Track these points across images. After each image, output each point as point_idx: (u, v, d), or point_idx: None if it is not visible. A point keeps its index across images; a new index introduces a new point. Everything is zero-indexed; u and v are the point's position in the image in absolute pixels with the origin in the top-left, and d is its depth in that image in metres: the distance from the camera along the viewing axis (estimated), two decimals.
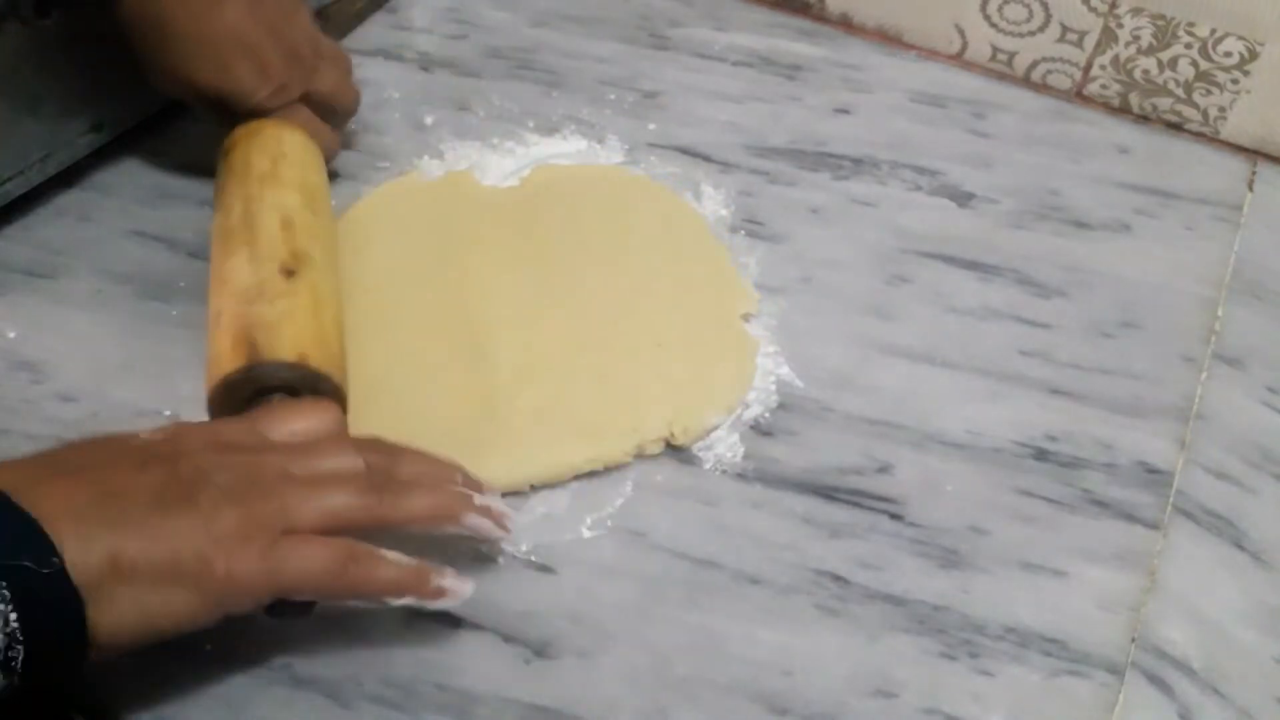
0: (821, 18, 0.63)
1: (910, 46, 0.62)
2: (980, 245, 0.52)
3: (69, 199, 0.51)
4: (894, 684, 0.38)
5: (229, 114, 0.46)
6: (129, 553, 0.29)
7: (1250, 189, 0.56)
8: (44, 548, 0.28)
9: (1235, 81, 0.56)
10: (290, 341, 0.39)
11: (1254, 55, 0.55)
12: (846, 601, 0.40)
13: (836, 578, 0.40)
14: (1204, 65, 0.57)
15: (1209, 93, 0.57)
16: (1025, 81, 0.61)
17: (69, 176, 0.51)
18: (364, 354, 0.44)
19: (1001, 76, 0.61)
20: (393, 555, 0.34)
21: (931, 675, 0.38)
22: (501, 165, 0.54)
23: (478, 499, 0.36)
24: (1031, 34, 0.60)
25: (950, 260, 0.51)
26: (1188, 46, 0.56)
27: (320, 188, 0.46)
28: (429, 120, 0.56)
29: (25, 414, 0.43)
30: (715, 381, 0.45)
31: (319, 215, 0.45)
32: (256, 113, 0.46)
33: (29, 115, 0.47)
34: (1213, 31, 0.55)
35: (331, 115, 0.50)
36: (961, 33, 0.61)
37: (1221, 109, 0.58)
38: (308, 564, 0.33)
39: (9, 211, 0.49)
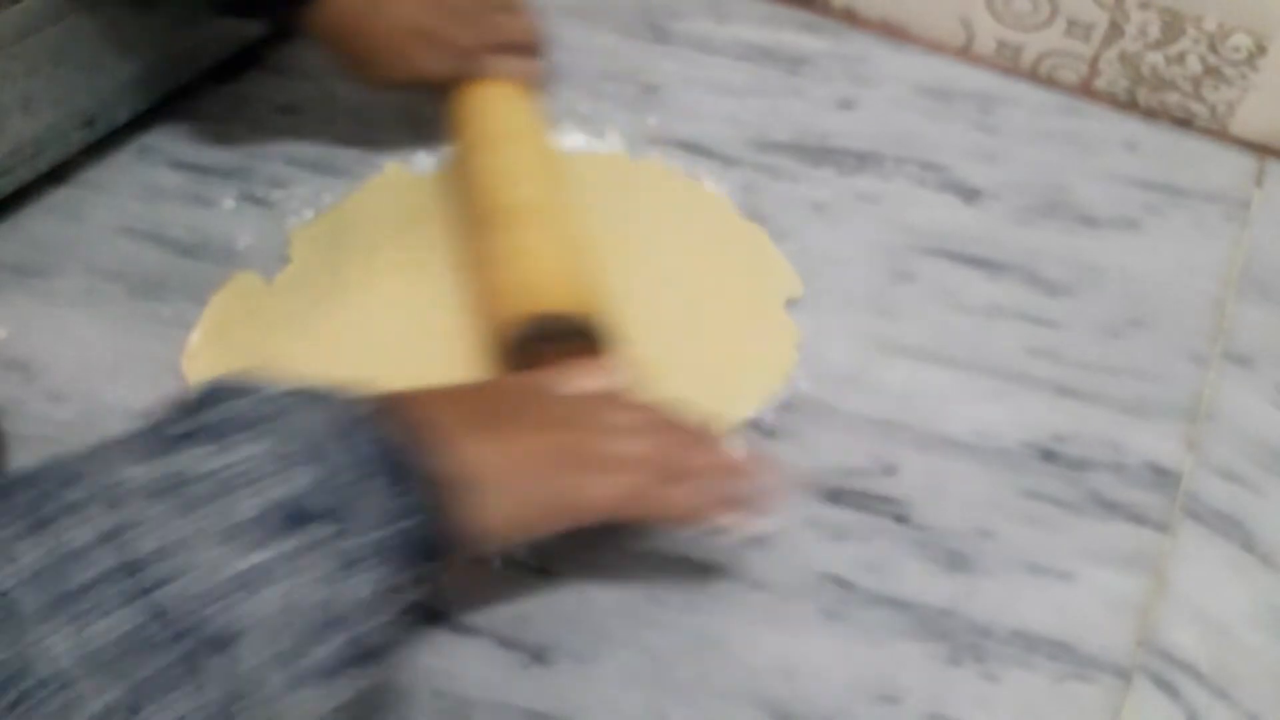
0: (825, 10, 0.63)
1: (915, 40, 0.62)
2: (987, 242, 0.51)
3: (60, 196, 0.50)
4: (898, 689, 0.37)
5: (433, 90, 0.50)
6: (485, 457, 0.33)
7: (1259, 185, 0.55)
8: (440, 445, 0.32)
9: (1244, 77, 0.56)
10: (572, 292, 0.42)
11: (1262, 50, 0.54)
12: (850, 605, 0.39)
13: (840, 581, 0.40)
14: (1212, 60, 0.56)
15: (1217, 88, 0.57)
16: (1032, 76, 0.60)
17: (60, 174, 0.50)
18: (361, 353, 0.43)
19: (1007, 71, 0.60)
20: (691, 484, 0.36)
21: (936, 680, 0.38)
22: None
23: (742, 489, 0.37)
24: (1038, 28, 0.59)
25: (956, 257, 0.51)
26: (1195, 41, 0.56)
27: (531, 138, 0.49)
28: (426, 114, 0.55)
29: (15, 414, 0.42)
30: (751, 369, 0.45)
31: (547, 166, 0.48)
32: (454, 84, 0.50)
33: (20, 112, 0.47)
34: (1220, 26, 0.54)
35: (525, 52, 0.52)
36: (967, 26, 0.61)
37: (1230, 104, 0.57)
38: (622, 486, 0.35)
39: None
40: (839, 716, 0.37)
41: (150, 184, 0.51)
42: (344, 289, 0.46)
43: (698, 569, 0.40)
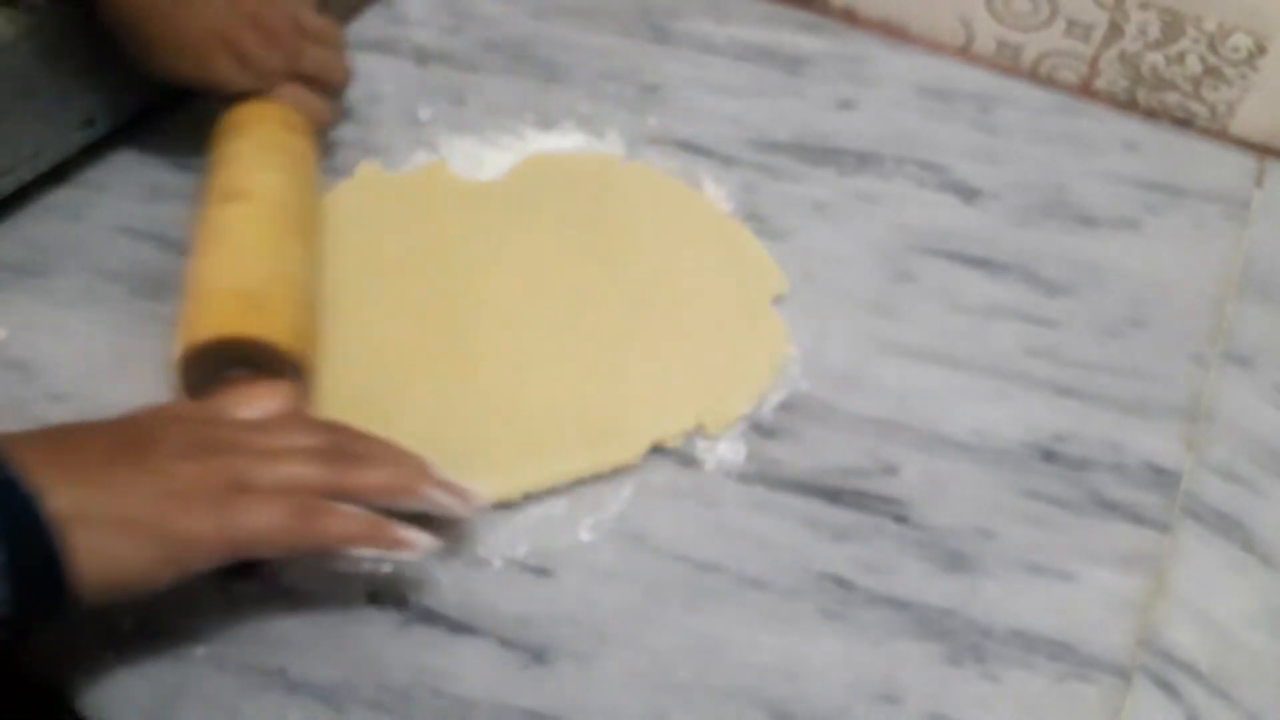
0: (825, 10, 0.63)
1: (915, 40, 0.62)
2: (987, 242, 0.51)
3: (60, 196, 0.50)
4: (898, 689, 0.37)
5: (217, 97, 0.48)
6: (87, 501, 0.31)
7: (1259, 185, 0.55)
8: (25, 493, 0.30)
9: (1244, 77, 0.56)
10: (255, 319, 0.39)
11: (1262, 50, 0.54)
12: (850, 605, 0.39)
13: (840, 581, 0.40)
14: (1212, 60, 0.56)
15: (1217, 88, 0.57)
16: (1032, 76, 0.60)
17: (60, 173, 0.50)
18: (335, 357, 0.43)
19: (1007, 71, 0.60)
20: (348, 508, 0.35)
21: (936, 680, 0.37)
22: (498, 160, 0.53)
23: (437, 474, 0.37)
24: (1038, 28, 0.59)
25: (956, 258, 0.51)
26: (1195, 41, 0.56)
27: (297, 166, 0.47)
28: (424, 115, 0.55)
29: (15, 414, 0.42)
30: (743, 366, 0.45)
31: (300, 195, 0.46)
32: (242, 96, 0.48)
33: (20, 111, 0.47)
34: (1220, 26, 0.54)
35: (323, 89, 0.50)
36: (967, 26, 0.61)
37: (1230, 104, 0.57)
38: (261, 519, 0.33)
39: None
40: (839, 716, 0.37)
41: (150, 184, 0.51)
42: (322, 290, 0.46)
43: (698, 569, 0.40)
